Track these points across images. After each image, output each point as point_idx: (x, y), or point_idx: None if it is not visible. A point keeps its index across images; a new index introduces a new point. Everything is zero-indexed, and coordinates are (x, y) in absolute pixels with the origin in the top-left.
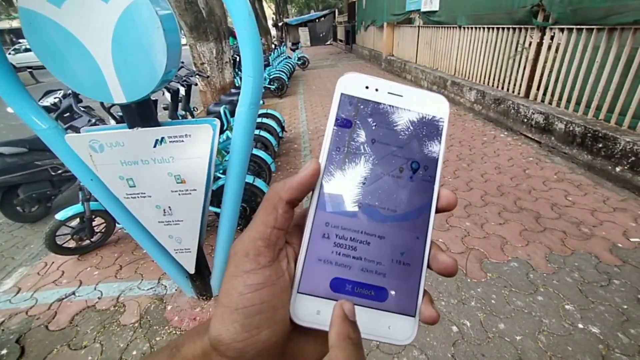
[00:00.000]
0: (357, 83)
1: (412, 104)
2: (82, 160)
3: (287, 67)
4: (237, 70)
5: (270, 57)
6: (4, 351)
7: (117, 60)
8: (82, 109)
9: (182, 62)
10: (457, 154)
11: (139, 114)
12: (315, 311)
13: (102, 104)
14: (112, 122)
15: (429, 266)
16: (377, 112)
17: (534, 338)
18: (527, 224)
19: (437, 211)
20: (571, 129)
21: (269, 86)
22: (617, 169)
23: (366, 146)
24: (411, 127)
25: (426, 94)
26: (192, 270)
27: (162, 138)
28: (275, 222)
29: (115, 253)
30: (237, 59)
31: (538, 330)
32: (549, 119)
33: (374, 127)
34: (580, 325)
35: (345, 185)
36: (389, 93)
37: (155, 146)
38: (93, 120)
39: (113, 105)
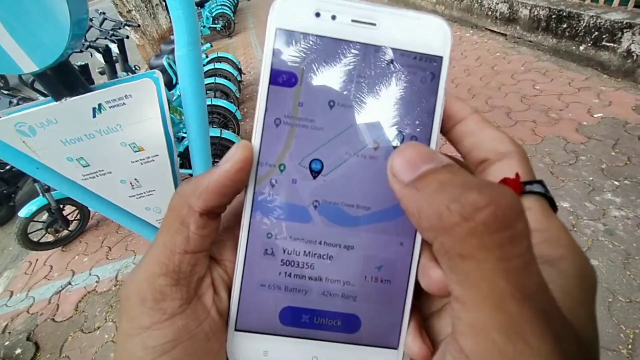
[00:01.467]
0: (301, 8)
1: (392, 37)
2: (15, 148)
3: None
4: None
5: None
6: (18, 350)
7: (5, 19)
8: (5, 92)
9: (104, 13)
10: None
11: (61, 81)
12: (261, 352)
13: (20, 79)
14: (41, 98)
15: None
16: (337, 56)
17: None
18: (499, 121)
19: None
20: (535, 13)
21: (213, 26)
22: (581, 48)
23: (322, 113)
24: (391, 78)
25: (414, 17)
26: None
27: (100, 105)
28: (186, 244)
29: (99, 237)
30: None
31: None
32: (513, 6)
33: (332, 82)
34: None
35: (294, 177)
36: (353, 21)
37: (94, 116)
38: (15, 101)
39: (33, 80)
